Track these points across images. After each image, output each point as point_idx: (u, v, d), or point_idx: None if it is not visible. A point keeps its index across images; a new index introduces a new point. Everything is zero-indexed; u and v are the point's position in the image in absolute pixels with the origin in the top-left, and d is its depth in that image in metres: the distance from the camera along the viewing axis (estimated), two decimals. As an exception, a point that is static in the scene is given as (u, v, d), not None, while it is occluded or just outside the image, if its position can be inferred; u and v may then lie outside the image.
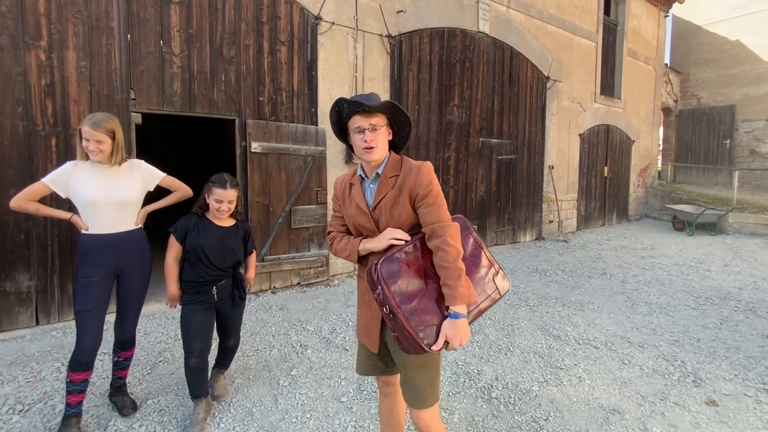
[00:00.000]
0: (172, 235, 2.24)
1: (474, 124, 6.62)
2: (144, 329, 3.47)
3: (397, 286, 1.32)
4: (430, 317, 1.33)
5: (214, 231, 2.24)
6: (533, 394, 2.54)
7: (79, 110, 3.53)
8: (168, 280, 2.26)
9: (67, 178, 2.07)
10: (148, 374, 2.75)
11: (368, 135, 1.41)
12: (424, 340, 1.29)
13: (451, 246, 1.34)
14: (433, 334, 1.32)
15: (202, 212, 2.27)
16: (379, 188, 1.46)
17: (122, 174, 2.17)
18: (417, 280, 1.36)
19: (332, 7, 4.90)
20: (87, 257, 2.10)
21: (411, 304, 1.31)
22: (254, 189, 4.43)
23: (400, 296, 1.31)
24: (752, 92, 12.18)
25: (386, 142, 1.48)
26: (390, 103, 1.41)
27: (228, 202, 2.20)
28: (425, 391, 1.46)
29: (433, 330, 1.32)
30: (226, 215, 2.26)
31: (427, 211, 1.40)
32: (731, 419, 2.31)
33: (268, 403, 2.43)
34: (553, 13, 7.82)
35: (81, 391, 2.09)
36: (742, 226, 8.43)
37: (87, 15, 3.53)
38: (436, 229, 1.37)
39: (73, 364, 2.06)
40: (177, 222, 2.25)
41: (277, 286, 4.68)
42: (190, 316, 2.20)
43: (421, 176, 1.41)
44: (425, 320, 1.32)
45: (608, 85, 9.61)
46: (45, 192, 2.07)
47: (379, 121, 1.43)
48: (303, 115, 4.79)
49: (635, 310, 4.08)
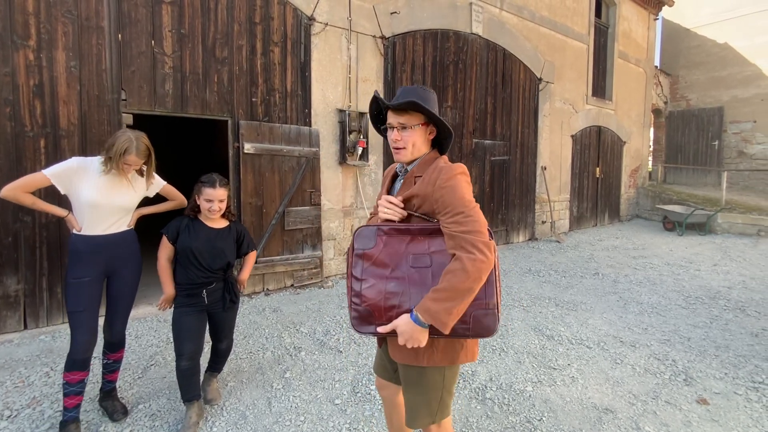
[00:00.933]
0: (164, 236, 2.22)
1: (467, 125, 6.65)
2: (135, 332, 3.43)
3: (361, 254, 1.29)
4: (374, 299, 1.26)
5: (205, 232, 2.23)
6: (527, 395, 2.55)
7: (68, 111, 3.48)
8: (163, 281, 2.24)
9: (71, 175, 2.03)
10: (139, 378, 2.72)
11: (395, 134, 1.35)
12: (352, 314, 1.29)
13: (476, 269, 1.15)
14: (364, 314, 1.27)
15: (194, 214, 2.26)
16: (402, 186, 1.40)
17: (127, 180, 2.16)
18: (386, 261, 1.28)
19: (325, 8, 4.90)
20: (78, 258, 2.07)
21: (362, 279, 1.28)
22: (247, 190, 4.40)
23: (360, 267, 1.29)
24: (740, 94, 12.37)
25: (422, 142, 1.37)
26: (412, 103, 1.29)
27: (218, 201, 2.19)
28: (419, 411, 1.38)
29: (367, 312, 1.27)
30: (218, 215, 2.25)
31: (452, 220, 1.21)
32: (722, 417, 2.33)
33: (262, 406, 2.41)
34: (545, 15, 7.88)
35: (78, 393, 2.07)
36: (730, 226, 8.56)
37: (77, 14, 3.48)
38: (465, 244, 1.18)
39: (69, 364, 2.04)
40: (169, 223, 2.24)
41: (271, 287, 4.66)
42: (181, 319, 2.18)
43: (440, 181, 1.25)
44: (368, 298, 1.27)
45: (600, 87, 9.70)
46: (43, 185, 2.01)
47: (410, 119, 1.33)
48: (296, 116, 4.77)
49: (627, 309, 4.12)
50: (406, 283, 1.27)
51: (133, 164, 2.07)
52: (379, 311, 1.27)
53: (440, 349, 1.32)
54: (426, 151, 1.40)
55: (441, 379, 1.37)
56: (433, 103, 1.37)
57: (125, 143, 2.00)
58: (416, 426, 1.42)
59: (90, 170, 2.06)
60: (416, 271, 1.27)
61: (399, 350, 1.35)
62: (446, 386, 1.38)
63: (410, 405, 1.41)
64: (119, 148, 1.99)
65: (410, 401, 1.41)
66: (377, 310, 1.27)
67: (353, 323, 1.30)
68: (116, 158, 2.00)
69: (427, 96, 1.36)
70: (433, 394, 1.37)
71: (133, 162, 2.05)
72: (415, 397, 1.39)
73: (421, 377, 1.36)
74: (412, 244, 1.30)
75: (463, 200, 1.24)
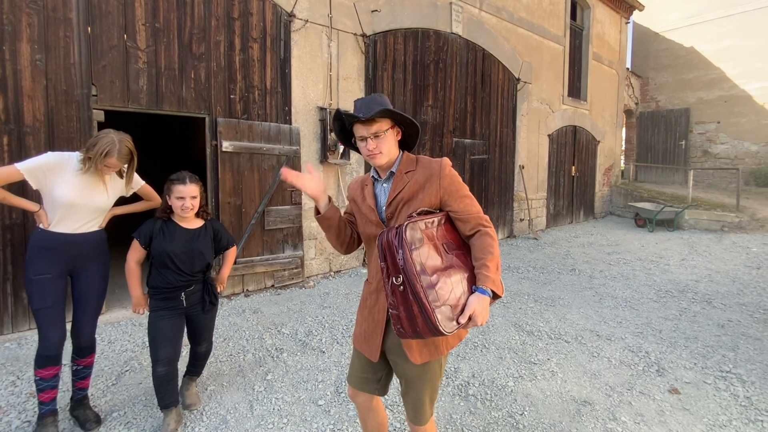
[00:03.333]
0: (135, 240, 2.13)
1: (448, 124, 6.70)
2: (108, 337, 3.30)
3: (418, 254, 1.23)
4: (447, 295, 1.23)
5: (180, 234, 2.15)
6: (509, 390, 2.59)
7: (33, 106, 3.32)
8: (131, 285, 2.15)
9: (47, 171, 1.94)
10: (113, 385, 2.62)
11: (371, 143, 1.39)
12: (439, 318, 1.18)
13: (496, 240, 1.36)
14: (447, 314, 1.21)
15: (168, 215, 2.17)
16: (395, 185, 1.43)
17: (105, 179, 2.07)
18: (436, 255, 1.28)
19: (306, 4, 4.83)
20: (39, 254, 1.98)
21: (431, 276, 1.22)
22: (225, 189, 4.30)
23: (421, 266, 1.22)
24: (705, 96, 12.95)
25: (393, 144, 1.45)
26: (385, 111, 1.36)
27: (190, 198, 2.10)
28: (426, 407, 1.45)
29: (449, 310, 1.22)
30: (191, 213, 2.15)
31: (463, 204, 1.39)
32: (693, 406, 2.44)
33: (243, 410, 2.36)
34: (523, 17, 8.03)
35: (53, 387, 2.01)
36: (696, 222, 8.96)
37: (42, 5, 3.31)
38: (482, 221, 1.39)
39: (41, 361, 1.97)
40: (141, 226, 2.15)
41: (251, 288, 4.57)
42: (158, 323, 2.11)
43: (443, 170, 1.39)
44: (443, 296, 1.21)
45: (575, 88, 9.96)
46: (15, 179, 1.91)
47: (381, 126, 1.39)
48: (276, 113, 4.70)
49: (603, 304, 4.25)
50: (456, 270, 1.31)
51: (114, 167, 2.00)
52: (455, 305, 1.25)
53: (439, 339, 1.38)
54: (397, 149, 1.48)
55: (439, 367, 1.45)
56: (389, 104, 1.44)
57: (107, 146, 1.93)
58: (424, 422, 1.47)
59: (67, 168, 1.97)
60: (454, 256, 1.34)
61: (419, 351, 1.38)
62: (441, 373, 1.48)
63: (418, 402, 1.45)
64: (100, 150, 1.91)
65: (418, 399, 1.45)
66: (454, 306, 1.25)
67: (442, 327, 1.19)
68: (96, 159, 1.92)
69: (385, 101, 1.43)
70: (434, 385, 1.46)
71: (113, 165, 1.99)
72: (422, 393, 1.44)
73: (427, 371, 1.42)
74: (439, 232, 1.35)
75: (464, 188, 1.41)
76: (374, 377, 1.54)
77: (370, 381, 1.54)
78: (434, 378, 1.45)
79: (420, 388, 1.44)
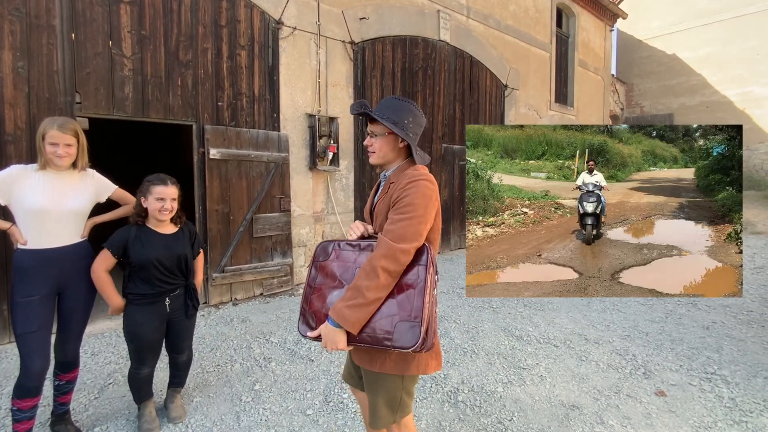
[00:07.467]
0: (105, 250, 2.04)
1: (437, 130, 6.75)
2: (91, 349, 3.23)
3: (319, 265, 1.44)
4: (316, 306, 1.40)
5: (159, 240, 2.09)
6: (498, 396, 2.59)
7: (15, 114, 3.26)
8: (108, 294, 2.05)
9: (11, 183, 1.88)
10: (96, 399, 2.55)
11: (368, 139, 1.47)
12: (300, 319, 1.42)
13: (375, 267, 1.23)
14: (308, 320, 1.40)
15: (142, 220, 2.10)
16: (381, 191, 1.48)
17: (75, 182, 2.01)
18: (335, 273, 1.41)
19: (294, 12, 4.85)
20: (25, 275, 1.91)
21: (313, 288, 1.42)
22: (213, 197, 4.27)
23: (313, 277, 1.44)
24: (687, 102, 13.26)
25: (389, 149, 1.44)
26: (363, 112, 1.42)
27: (171, 199, 2.06)
28: (381, 414, 1.43)
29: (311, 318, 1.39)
30: (169, 216, 2.09)
31: (391, 220, 1.29)
32: (679, 408, 2.46)
33: (230, 421, 2.32)
34: (510, 24, 8.15)
35: (30, 417, 1.93)
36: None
37: (25, 12, 3.27)
38: (380, 241, 1.27)
39: (20, 391, 1.89)
40: (113, 236, 2.06)
41: (239, 297, 4.52)
42: (142, 329, 2.07)
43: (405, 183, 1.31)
44: (313, 305, 1.40)
45: (562, 94, 10.12)
46: None
47: (376, 128, 1.43)
48: (265, 120, 4.68)
49: (591, 307, 4.29)
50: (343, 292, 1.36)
51: (59, 140, 1.89)
52: (319, 318, 1.38)
53: (392, 358, 1.36)
54: (396, 157, 1.47)
55: (400, 382, 1.41)
56: (403, 112, 1.40)
57: (44, 123, 1.91)
58: (379, 427, 1.45)
59: (32, 176, 1.92)
60: None
61: (358, 354, 1.42)
62: (405, 388, 1.43)
63: (372, 407, 1.45)
64: (40, 132, 1.90)
65: (371, 403, 1.45)
66: (319, 317, 1.38)
67: (298, 326, 1.44)
68: (40, 144, 1.89)
69: (398, 106, 1.41)
70: (392, 396, 1.42)
71: (57, 137, 1.88)
72: (375, 399, 1.43)
73: (380, 381, 1.41)
74: (362, 256, 1.39)
75: (411, 205, 1.28)
76: (356, 373, 1.59)
77: (354, 376, 1.62)
78: (391, 390, 1.40)
79: (373, 392, 1.43)
